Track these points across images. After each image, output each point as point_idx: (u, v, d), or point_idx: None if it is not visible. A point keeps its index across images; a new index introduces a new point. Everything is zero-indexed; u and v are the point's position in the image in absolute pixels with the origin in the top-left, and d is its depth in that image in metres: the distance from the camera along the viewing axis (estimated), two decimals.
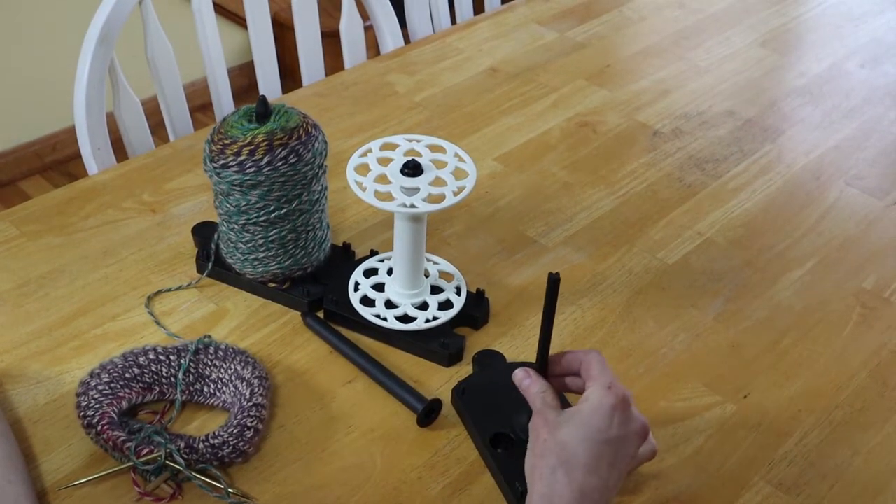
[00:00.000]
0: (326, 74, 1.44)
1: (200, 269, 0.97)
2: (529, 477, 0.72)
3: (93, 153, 1.18)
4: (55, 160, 2.62)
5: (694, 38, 1.52)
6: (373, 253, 0.98)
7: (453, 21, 1.61)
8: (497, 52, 1.44)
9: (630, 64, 1.44)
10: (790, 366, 0.92)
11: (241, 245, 0.90)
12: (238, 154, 0.83)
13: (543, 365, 0.76)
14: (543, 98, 1.33)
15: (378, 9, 1.46)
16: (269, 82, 1.41)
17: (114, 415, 0.78)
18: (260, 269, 0.92)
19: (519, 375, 0.76)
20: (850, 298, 1.00)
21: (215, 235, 0.95)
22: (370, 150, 0.86)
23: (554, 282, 0.72)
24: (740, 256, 1.05)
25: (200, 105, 2.27)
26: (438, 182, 0.83)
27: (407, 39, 1.52)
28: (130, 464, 0.76)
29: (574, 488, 0.68)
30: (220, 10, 2.67)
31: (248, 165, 0.83)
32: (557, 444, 0.70)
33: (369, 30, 1.50)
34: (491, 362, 0.87)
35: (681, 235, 1.08)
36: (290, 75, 1.56)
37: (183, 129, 1.32)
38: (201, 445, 0.76)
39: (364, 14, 1.48)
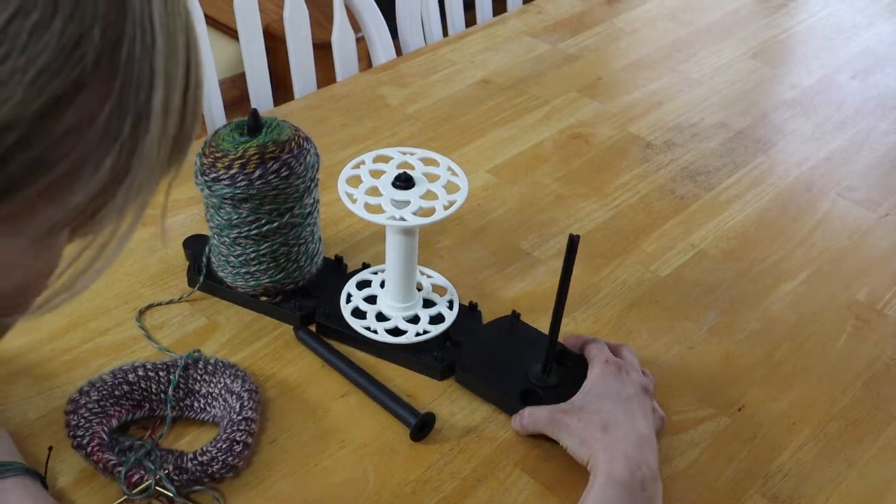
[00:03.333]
0: (318, 86, 1.43)
1: (192, 283, 0.97)
2: (585, 453, 0.77)
3: None
4: None
5: (686, 50, 1.52)
6: (365, 266, 0.98)
7: (445, 33, 1.61)
8: (489, 63, 1.44)
9: (622, 76, 1.44)
10: (784, 378, 0.92)
11: (232, 258, 0.90)
12: (229, 167, 0.83)
13: (555, 333, 0.83)
14: (536, 110, 1.33)
15: (370, 21, 1.46)
16: (260, 94, 1.40)
17: (104, 434, 0.78)
18: (251, 283, 0.91)
19: (517, 425, 0.84)
20: (844, 310, 1.00)
21: (206, 248, 0.95)
22: (363, 162, 0.86)
23: (573, 242, 0.77)
24: (733, 268, 1.05)
25: None
26: (430, 195, 0.83)
27: (399, 51, 1.52)
28: (124, 497, 0.75)
29: (629, 434, 0.76)
30: (211, 21, 2.67)
31: (239, 179, 0.82)
32: (592, 411, 0.78)
33: (361, 41, 1.50)
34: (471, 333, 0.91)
35: (674, 247, 1.08)
36: (282, 87, 1.56)
37: None
38: (190, 464, 0.75)
39: (356, 26, 1.48)
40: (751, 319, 0.98)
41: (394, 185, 0.82)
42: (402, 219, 0.80)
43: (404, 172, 0.82)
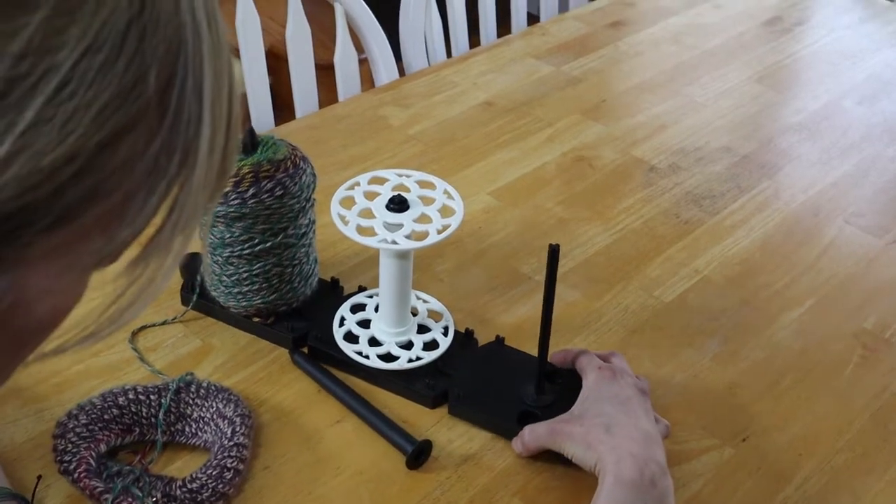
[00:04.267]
0: (321, 107, 1.42)
1: (185, 302, 0.95)
2: (592, 457, 0.75)
3: None
4: None
5: (690, 73, 1.51)
6: (361, 289, 0.96)
7: (449, 55, 1.60)
8: (492, 85, 1.43)
9: (626, 99, 1.43)
10: (789, 408, 0.90)
11: (224, 278, 0.88)
12: None
13: (545, 350, 0.82)
14: (539, 132, 1.32)
15: (373, 41, 1.45)
16: (261, 114, 1.39)
17: (91, 460, 0.76)
18: (244, 303, 0.89)
19: (518, 447, 0.82)
20: (851, 339, 0.98)
21: (201, 267, 0.93)
22: (358, 184, 0.85)
23: (553, 252, 0.76)
24: (738, 295, 1.03)
25: None
26: (424, 219, 0.81)
27: (402, 73, 1.51)
28: None
29: (633, 432, 0.75)
30: None
31: (232, 197, 0.81)
32: (592, 416, 0.78)
33: (365, 63, 1.49)
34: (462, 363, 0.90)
35: (677, 273, 1.06)
36: (285, 107, 1.55)
37: None
38: (179, 492, 0.74)
39: (360, 47, 1.47)
40: (755, 347, 0.96)
41: (387, 207, 0.81)
42: (395, 242, 0.78)
43: (398, 195, 0.81)
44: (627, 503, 0.71)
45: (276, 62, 1.97)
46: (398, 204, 0.80)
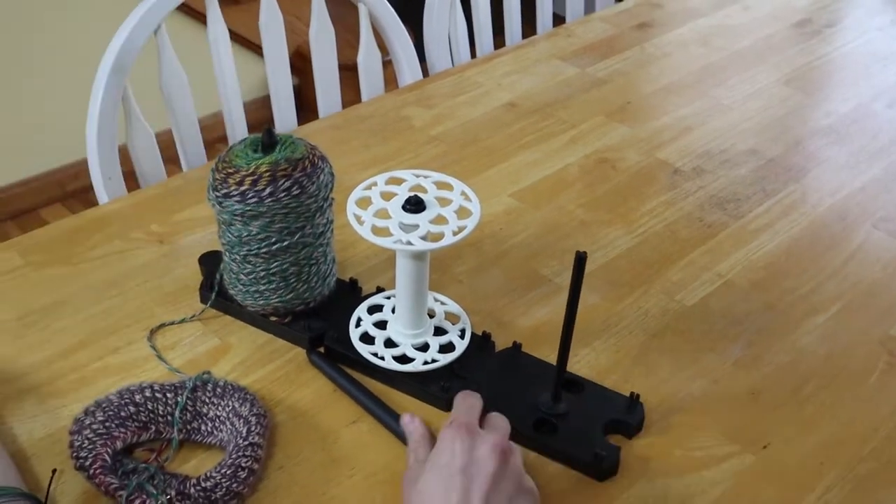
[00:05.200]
0: (344, 108, 1.42)
1: (204, 300, 0.95)
2: None
3: (104, 183, 1.17)
4: (76, 189, 2.63)
5: (717, 75, 1.49)
6: (379, 290, 0.96)
7: (473, 56, 1.59)
8: (516, 86, 1.42)
9: (651, 101, 1.42)
10: (812, 415, 0.88)
11: (242, 276, 0.88)
12: (240, 184, 0.81)
13: (564, 358, 0.79)
14: (562, 134, 1.31)
15: (396, 42, 1.45)
16: (284, 115, 1.40)
17: (107, 456, 0.76)
18: (261, 302, 0.89)
19: (405, 419, 0.78)
20: (877, 345, 0.96)
21: (220, 266, 0.93)
22: (375, 184, 0.84)
23: (580, 260, 0.72)
24: (761, 300, 1.02)
25: (220, 137, 2.27)
26: (440, 220, 0.80)
27: (426, 74, 1.51)
28: None
29: None
30: (243, 42, 2.69)
31: (249, 195, 0.81)
32: (416, 493, 0.68)
33: (389, 65, 1.49)
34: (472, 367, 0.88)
35: (700, 277, 1.05)
36: (311, 109, 1.55)
37: (197, 160, 1.31)
38: (193, 490, 0.73)
39: (384, 48, 1.46)
40: (778, 353, 0.95)
41: (404, 208, 0.80)
42: (409, 243, 0.78)
43: (415, 195, 0.80)
44: None
45: (304, 63, 1.97)
46: (414, 205, 0.80)
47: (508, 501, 0.68)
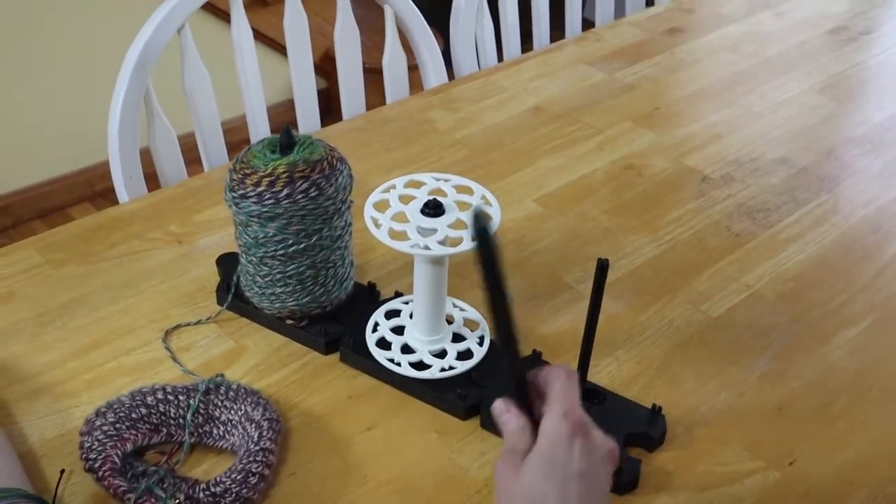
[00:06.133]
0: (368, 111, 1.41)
1: (220, 302, 0.94)
2: None
3: (124, 182, 1.17)
4: (105, 188, 2.63)
5: (748, 82, 1.46)
6: (397, 294, 0.94)
7: (500, 59, 1.57)
8: (542, 91, 1.41)
9: (681, 107, 1.39)
10: (841, 432, 0.85)
11: (258, 279, 0.87)
12: (258, 185, 0.80)
13: (585, 367, 0.75)
14: (588, 139, 1.28)
15: (422, 44, 1.44)
16: (308, 116, 1.39)
17: (116, 459, 0.75)
18: (277, 305, 0.88)
19: (498, 408, 0.67)
20: None
21: (238, 267, 0.92)
22: (393, 187, 0.82)
23: (602, 268, 0.66)
24: (790, 312, 0.99)
25: (244, 139, 2.27)
26: (459, 225, 0.78)
27: (452, 79, 1.49)
28: None
29: None
30: (271, 44, 2.69)
31: (266, 197, 0.80)
32: (523, 489, 0.62)
33: (415, 70, 1.47)
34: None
35: (727, 287, 1.02)
36: (339, 112, 1.54)
37: (219, 161, 1.30)
38: (202, 495, 0.72)
39: (410, 52, 1.45)
40: (806, 367, 0.92)
41: (422, 211, 0.78)
42: (427, 247, 0.76)
43: (434, 199, 0.79)
44: None
45: (332, 66, 1.96)
46: (433, 208, 0.78)
47: None
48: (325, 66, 2.41)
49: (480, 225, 0.58)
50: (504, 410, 0.66)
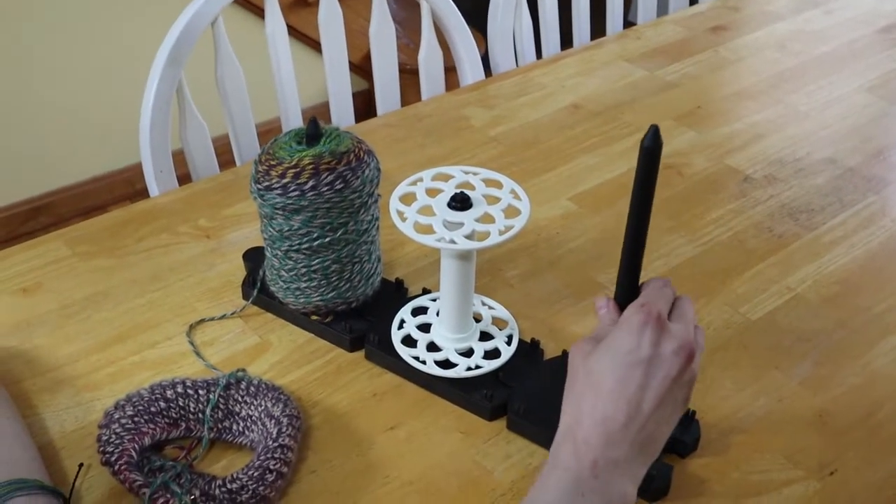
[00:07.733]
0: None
1: (246, 296, 0.93)
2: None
3: (155, 175, 1.16)
4: (145, 187, 2.65)
5: (794, 81, 1.42)
6: (425, 291, 0.92)
7: (539, 57, 1.55)
8: (581, 88, 1.38)
9: (723, 105, 1.35)
10: (885, 442, 0.81)
11: (283, 273, 0.85)
12: (283, 176, 0.78)
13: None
14: (626, 138, 1.25)
15: (459, 41, 1.41)
16: (343, 113, 1.37)
17: (133, 452, 0.73)
18: (302, 300, 0.86)
19: (599, 302, 0.68)
20: None
21: (264, 262, 0.90)
22: (420, 180, 0.80)
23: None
24: (833, 316, 0.95)
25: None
26: (486, 219, 0.76)
27: (489, 74, 1.47)
28: None
29: (596, 416, 0.62)
30: (311, 43, 2.68)
31: (291, 189, 0.78)
32: (586, 372, 0.63)
33: (452, 71, 1.45)
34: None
35: (767, 290, 0.98)
36: (375, 113, 1.52)
37: (251, 156, 1.29)
38: (218, 491, 0.70)
39: (447, 50, 1.43)
40: (850, 374, 0.88)
41: (449, 205, 0.76)
42: (453, 241, 0.74)
43: (461, 192, 0.76)
44: (561, 493, 0.61)
45: (371, 67, 1.95)
46: (460, 202, 0.76)
47: (674, 409, 0.64)
48: (366, 67, 2.41)
49: (656, 140, 0.62)
50: (602, 305, 0.68)
